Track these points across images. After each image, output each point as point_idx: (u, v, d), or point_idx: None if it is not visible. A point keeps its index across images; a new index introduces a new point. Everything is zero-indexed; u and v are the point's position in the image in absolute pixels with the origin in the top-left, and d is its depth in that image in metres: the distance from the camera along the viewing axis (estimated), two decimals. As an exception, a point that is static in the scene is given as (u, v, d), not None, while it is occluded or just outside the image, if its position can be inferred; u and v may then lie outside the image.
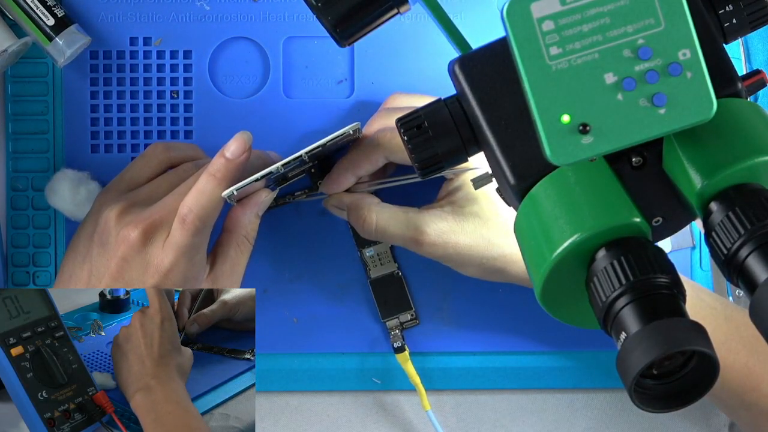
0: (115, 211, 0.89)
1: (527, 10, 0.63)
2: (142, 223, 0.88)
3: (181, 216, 0.87)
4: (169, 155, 0.95)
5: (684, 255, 1.02)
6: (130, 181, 0.94)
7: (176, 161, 0.95)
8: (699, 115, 0.63)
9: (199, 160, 0.96)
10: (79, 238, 0.93)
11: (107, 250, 0.89)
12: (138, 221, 0.88)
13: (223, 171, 0.88)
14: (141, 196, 0.92)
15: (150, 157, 0.95)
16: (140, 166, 0.94)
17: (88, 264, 0.90)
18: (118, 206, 0.89)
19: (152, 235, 0.88)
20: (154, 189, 0.92)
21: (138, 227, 0.88)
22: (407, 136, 0.73)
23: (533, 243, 0.67)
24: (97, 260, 0.89)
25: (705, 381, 0.62)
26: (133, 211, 0.89)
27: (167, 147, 0.95)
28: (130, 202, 0.90)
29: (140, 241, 0.88)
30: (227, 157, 0.88)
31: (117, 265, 0.88)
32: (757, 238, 0.62)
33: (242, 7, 1.00)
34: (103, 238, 0.89)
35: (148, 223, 0.88)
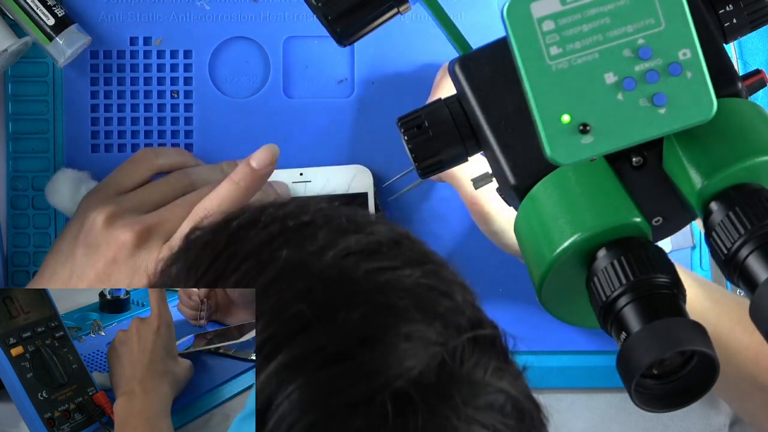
0: (103, 214, 0.89)
1: (527, 10, 0.63)
2: (138, 226, 0.88)
3: (197, 218, 0.87)
4: (158, 162, 0.95)
5: (684, 255, 1.02)
6: (117, 185, 0.94)
7: (165, 168, 0.95)
8: (699, 115, 0.63)
9: (188, 168, 0.95)
10: (63, 238, 0.93)
11: (94, 251, 0.89)
12: (133, 225, 0.88)
13: (248, 181, 0.88)
14: (131, 201, 0.91)
15: (138, 162, 0.95)
16: (128, 171, 0.94)
17: (70, 264, 0.90)
18: (107, 209, 0.89)
19: (146, 240, 0.88)
20: (146, 196, 0.92)
21: (133, 230, 0.88)
22: (407, 136, 0.73)
23: (533, 243, 0.67)
24: (82, 260, 0.89)
25: (705, 381, 0.62)
26: (123, 216, 0.89)
27: (156, 153, 0.95)
28: (119, 206, 0.90)
29: (133, 244, 0.87)
30: (253, 167, 0.88)
31: (104, 265, 0.88)
32: (758, 237, 0.62)
33: (242, 7, 1.00)
34: (89, 239, 0.89)
35: (143, 228, 0.88)
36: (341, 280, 0.60)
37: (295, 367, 0.57)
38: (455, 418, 0.58)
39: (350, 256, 0.62)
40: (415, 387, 0.57)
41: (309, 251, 0.61)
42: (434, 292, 0.62)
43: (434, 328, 0.60)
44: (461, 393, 0.59)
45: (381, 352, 0.58)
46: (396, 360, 0.58)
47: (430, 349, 0.59)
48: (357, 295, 0.60)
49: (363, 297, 0.59)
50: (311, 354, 0.58)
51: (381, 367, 0.57)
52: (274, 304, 0.59)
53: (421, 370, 0.58)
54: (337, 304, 0.59)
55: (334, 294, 0.59)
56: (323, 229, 0.63)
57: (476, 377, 0.60)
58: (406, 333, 0.59)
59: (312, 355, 0.58)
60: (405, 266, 0.62)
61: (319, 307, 0.59)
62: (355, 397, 0.56)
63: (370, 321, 0.59)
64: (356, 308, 0.59)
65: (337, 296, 0.59)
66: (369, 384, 0.57)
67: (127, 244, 0.87)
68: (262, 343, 0.59)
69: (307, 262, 0.61)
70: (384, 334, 0.58)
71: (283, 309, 0.59)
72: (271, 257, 0.61)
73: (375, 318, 0.59)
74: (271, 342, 0.58)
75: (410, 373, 0.58)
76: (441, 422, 0.57)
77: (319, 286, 0.60)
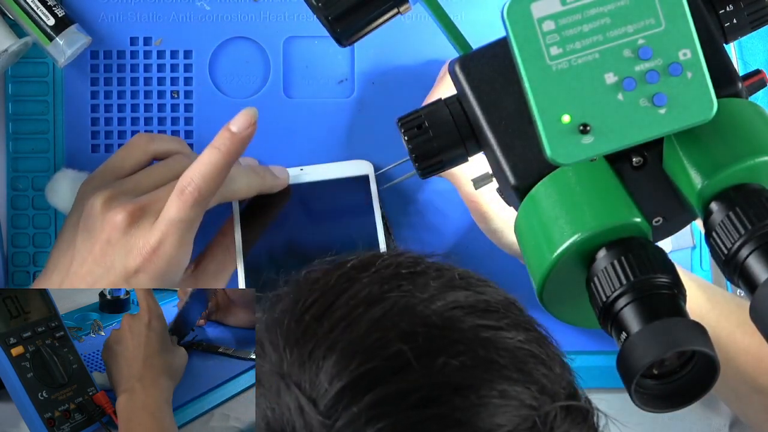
0: (100, 199, 0.89)
1: (527, 10, 0.63)
2: (130, 206, 0.88)
3: (180, 188, 0.87)
4: (152, 146, 0.95)
5: (684, 255, 1.02)
6: (114, 170, 0.94)
7: (159, 153, 0.95)
8: (699, 115, 0.63)
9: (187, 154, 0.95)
10: (64, 228, 0.93)
11: (92, 235, 0.89)
12: (126, 205, 0.88)
13: (228, 144, 0.88)
14: (128, 185, 0.91)
15: (134, 147, 0.94)
16: (124, 156, 0.94)
17: (71, 251, 0.90)
18: (104, 194, 0.89)
19: (139, 218, 0.88)
20: (143, 179, 0.92)
21: (125, 210, 0.88)
22: (407, 136, 0.73)
23: (533, 243, 0.67)
24: (81, 246, 0.89)
25: (705, 381, 0.62)
26: (120, 199, 0.89)
27: (151, 138, 0.95)
28: (116, 190, 0.90)
29: (126, 222, 0.87)
30: (232, 131, 0.88)
31: (100, 248, 0.88)
32: (758, 238, 0.62)
33: (242, 7, 0.99)
34: (88, 224, 0.89)
35: (135, 207, 0.88)
36: (445, 328, 0.61)
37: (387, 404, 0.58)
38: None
39: (458, 309, 0.62)
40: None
41: (418, 298, 0.62)
42: (535, 359, 0.63)
43: (530, 391, 0.60)
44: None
45: (473, 404, 0.58)
46: (488, 414, 0.58)
47: (523, 411, 0.59)
48: (459, 344, 0.60)
49: (464, 347, 0.60)
50: (405, 394, 0.58)
51: (472, 418, 0.58)
52: (375, 341, 0.60)
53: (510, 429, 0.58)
54: (438, 350, 0.59)
55: (437, 340, 0.60)
56: (435, 280, 0.64)
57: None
58: (501, 390, 0.59)
59: (405, 395, 0.58)
60: (510, 329, 0.63)
61: (419, 350, 0.59)
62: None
63: (467, 371, 0.59)
64: (456, 357, 0.59)
65: (438, 342, 0.60)
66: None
67: (120, 224, 0.87)
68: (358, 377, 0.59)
69: (415, 307, 0.62)
70: (479, 387, 0.59)
71: (384, 347, 0.59)
72: (380, 297, 0.62)
73: (473, 369, 0.60)
74: (368, 377, 0.59)
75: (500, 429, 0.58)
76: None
77: (423, 330, 0.60)
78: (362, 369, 0.59)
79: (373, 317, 0.61)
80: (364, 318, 0.61)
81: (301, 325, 0.62)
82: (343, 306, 0.62)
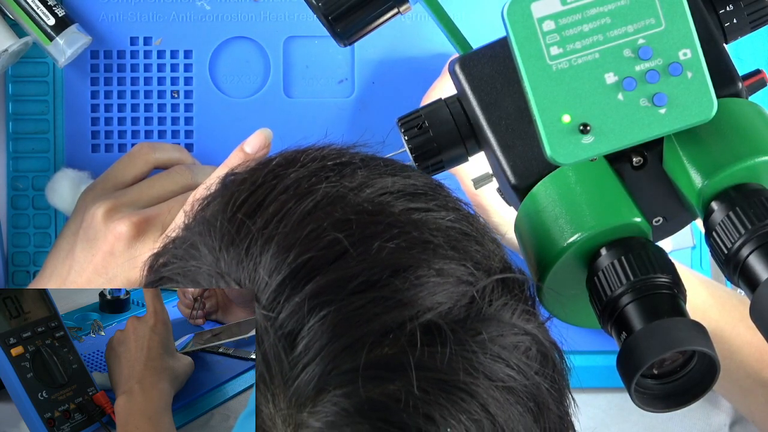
0: (102, 208, 0.89)
1: (527, 10, 0.63)
2: (136, 217, 0.88)
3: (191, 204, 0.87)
4: (154, 156, 0.95)
5: (684, 255, 1.02)
6: (115, 180, 0.94)
7: (161, 162, 0.95)
8: (699, 115, 0.63)
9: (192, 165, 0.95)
10: (63, 236, 0.93)
11: (93, 245, 0.89)
12: (131, 216, 0.88)
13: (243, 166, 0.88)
14: (130, 195, 0.91)
15: (135, 156, 0.94)
16: (125, 166, 0.94)
17: (69, 260, 0.90)
18: (106, 204, 0.89)
19: (144, 230, 0.88)
20: (145, 190, 0.92)
21: (130, 221, 0.87)
22: (407, 136, 0.73)
23: (534, 243, 0.67)
24: (81, 255, 0.89)
25: (705, 381, 0.62)
26: (122, 210, 0.89)
27: (153, 147, 0.95)
28: (118, 200, 0.90)
29: (131, 234, 0.87)
30: (246, 152, 0.88)
31: (102, 259, 0.88)
32: (758, 237, 0.62)
33: (242, 7, 1.00)
34: (89, 234, 0.89)
35: (141, 218, 0.88)
36: (377, 213, 0.61)
37: (328, 292, 0.58)
38: (482, 354, 0.59)
39: (387, 194, 0.63)
40: (444, 320, 0.58)
41: (347, 187, 0.63)
42: (467, 236, 0.63)
43: (466, 267, 0.61)
44: (488, 331, 0.60)
45: (413, 284, 0.59)
46: (427, 293, 0.59)
47: (461, 287, 0.60)
48: (392, 228, 0.60)
49: (398, 230, 0.60)
50: (345, 281, 0.58)
51: (413, 298, 0.58)
52: (310, 232, 0.60)
53: (450, 306, 0.59)
54: (373, 235, 0.60)
55: (370, 225, 0.61)
56: (362, 170, 0.64)
57: (504, 317, 0.61)
58: (438, 269, 0.60)
59: (345, 281, 0.58)
60: (440, 209, 0.63)
61: (354, 237, 0.60)
62: (385, 325, 0.57)
63: (404, 253, 0.60)
64: (391, 240, 0.60)
65: (372, 227, 0.60)
66: (400, 313, 0.58)
67: (125, 236, 0.87)
68: (296, 268, 0.59)
69: (345, 196, 0.62)
70: (417, 267, 0.59)
71: (320, 237, 0.60)
72: (309, 190, 0.62)
73: (409, 251, 0.60)
74: (305, 267, 0.59)
75: (440, 307, 0.59)
76: (468, 356, 0.58)
77: (355, 218, 0.61)
78: (300, 260, 0.59)
79: (306, 209, 0.61)
80: (297, 211, 0.61)
81: (234, 223, 0.62)
82: (274, 201, 0.62)
